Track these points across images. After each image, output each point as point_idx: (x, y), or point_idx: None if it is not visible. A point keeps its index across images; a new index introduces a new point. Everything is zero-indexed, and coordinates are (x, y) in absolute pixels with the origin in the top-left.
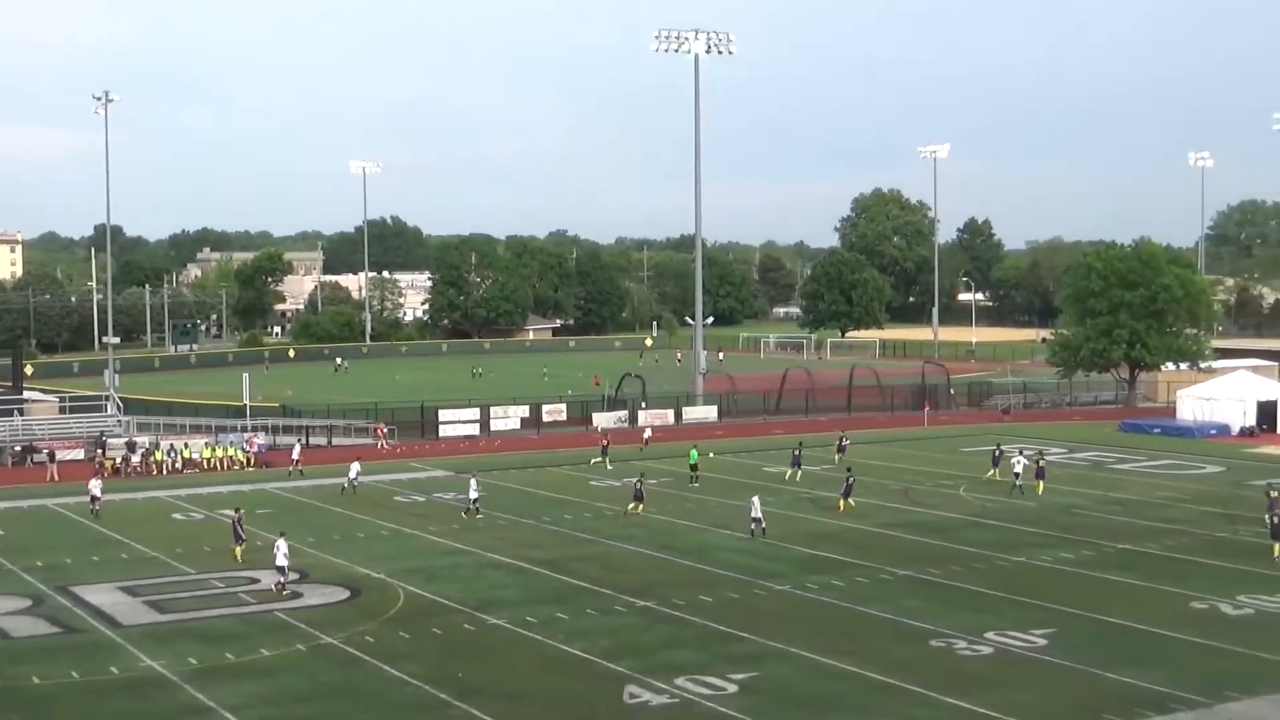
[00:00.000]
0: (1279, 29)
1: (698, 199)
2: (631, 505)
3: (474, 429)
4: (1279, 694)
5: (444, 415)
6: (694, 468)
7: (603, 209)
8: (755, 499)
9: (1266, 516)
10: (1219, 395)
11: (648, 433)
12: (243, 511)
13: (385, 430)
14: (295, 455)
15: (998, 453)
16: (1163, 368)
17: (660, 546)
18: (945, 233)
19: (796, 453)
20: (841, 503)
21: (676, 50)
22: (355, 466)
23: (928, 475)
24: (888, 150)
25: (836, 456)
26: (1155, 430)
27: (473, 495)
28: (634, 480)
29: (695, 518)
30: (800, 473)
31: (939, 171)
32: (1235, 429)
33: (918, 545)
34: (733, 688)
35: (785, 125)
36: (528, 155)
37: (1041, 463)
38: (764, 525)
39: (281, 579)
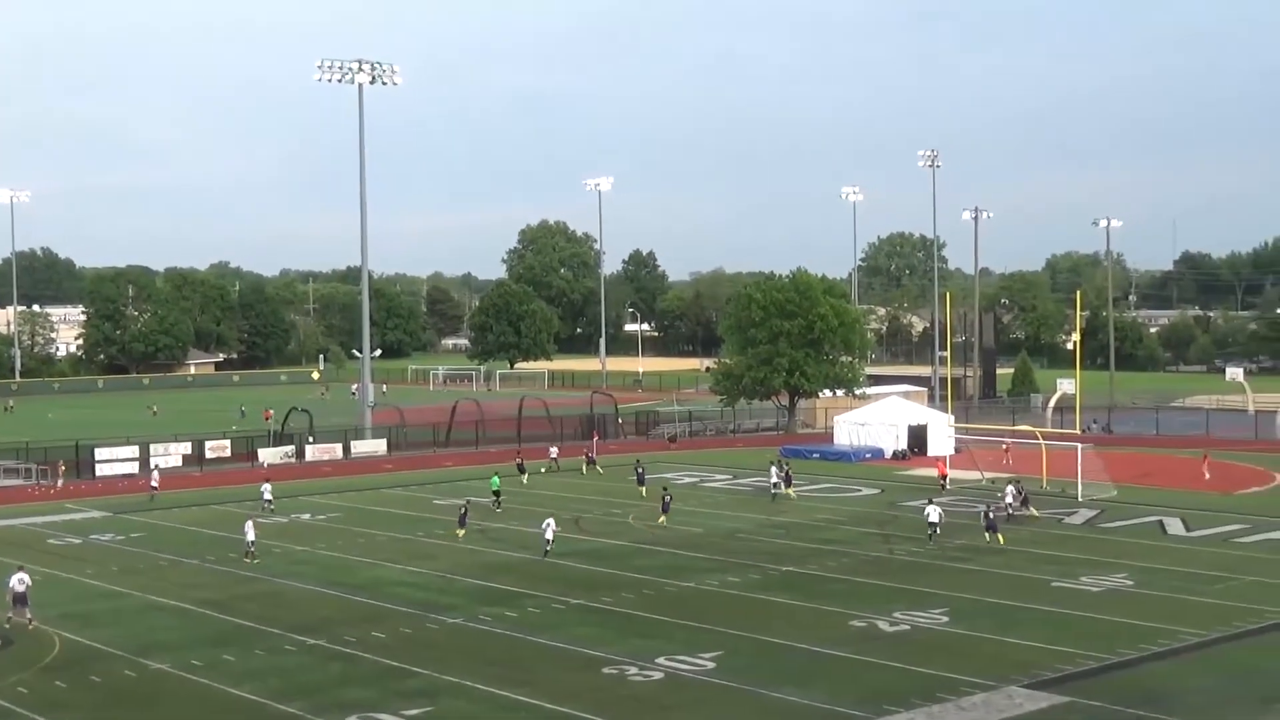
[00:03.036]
0: (924, 68)
1: (363, 230)
2: (459, 530)
3: (133, 467)
4: (933, 704)
5: (101, 454)
6: (496, 494)
7: (266, 240)
8: (550, 520)
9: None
10: (873, 420)
11: (554, 451)
12: None
13: (63, 468)
14: (154, 482)
15: (784, 471)
16: (820, 394)
17: (330, 582)
18: (611, 264)
19: (640, 471)
20: (662, 518)
21: (340, 80)
22: (267, 487)
23: (597, 504)
24: (552, 182)
25: (585, 468)
26: (814, 455)
27: (250, 537)
28: (460, 504)
29: (367, 553)
30: (645, 490)
31: (603, 203)
32: (888, 452)
33: (589, 573)
34: None
35: (451, 155)
36: (186, 184)
37: (787, 471)
38: (550, 547)
39: (25, 611)
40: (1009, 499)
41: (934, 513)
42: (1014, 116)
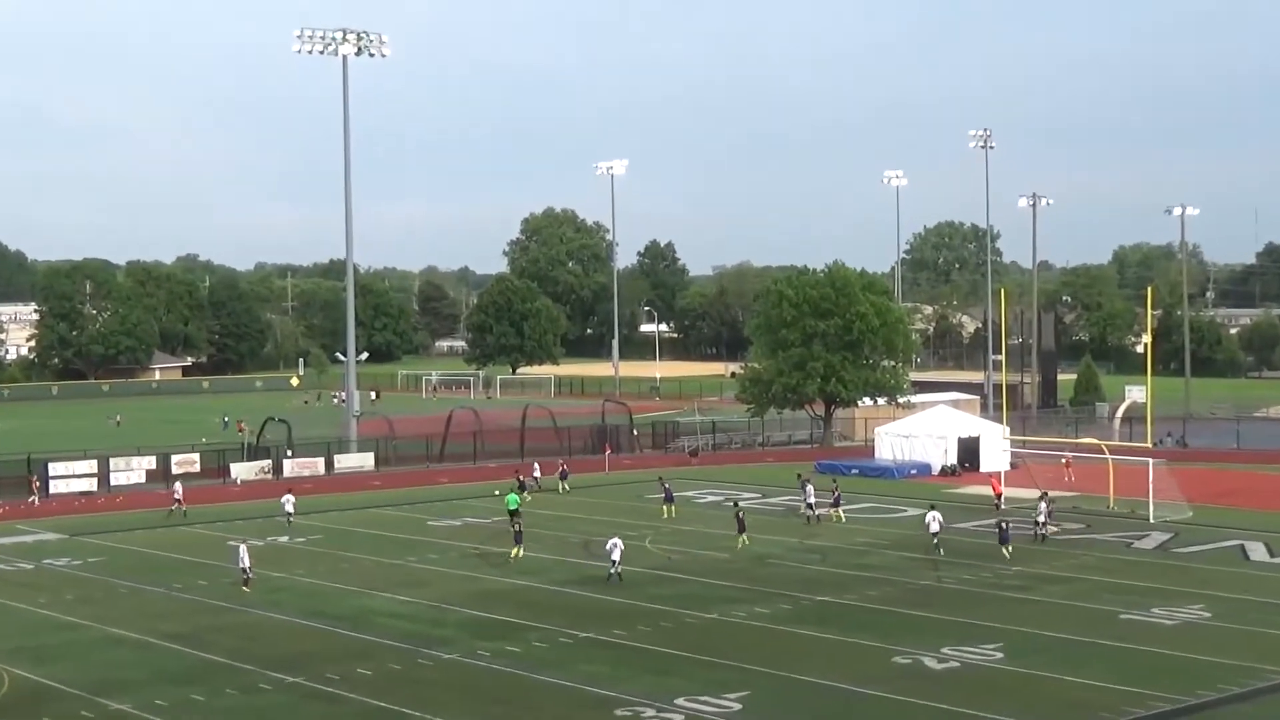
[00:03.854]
0: (974, 38)
1: (349, 220)
2: (514, 551)
3: (91, 484)
4: None
5: (55, 469)
6: (514, 513)
7: (239, 231)
8: (616, 540)
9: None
10: (919, 432)
11: (536, 470)
12: None
13: (37, 484)
14: (177, 495)
15: (834, 490)
16: (860, 403)
17: (311, 613)
18: (625, 257)
19: (666, 488)
20: (742, 538)
21: (322, 52)
22: (289, 499)
23: (610, 525)
24: (559, 166)
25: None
26: (853, 471)
27: (245, 563)
28: (513, 526)
29: (352, 580)
30: (674, 508)
31: (617, 190)
32: (936, 468)
33: (599, 603)
34: None
35: (446, 137)
36: (149, 170)
37: (837, 490)
38: (619, 570)
39: None
40: (1041, 516)
41: (934, 522)
42: (1076, 92)
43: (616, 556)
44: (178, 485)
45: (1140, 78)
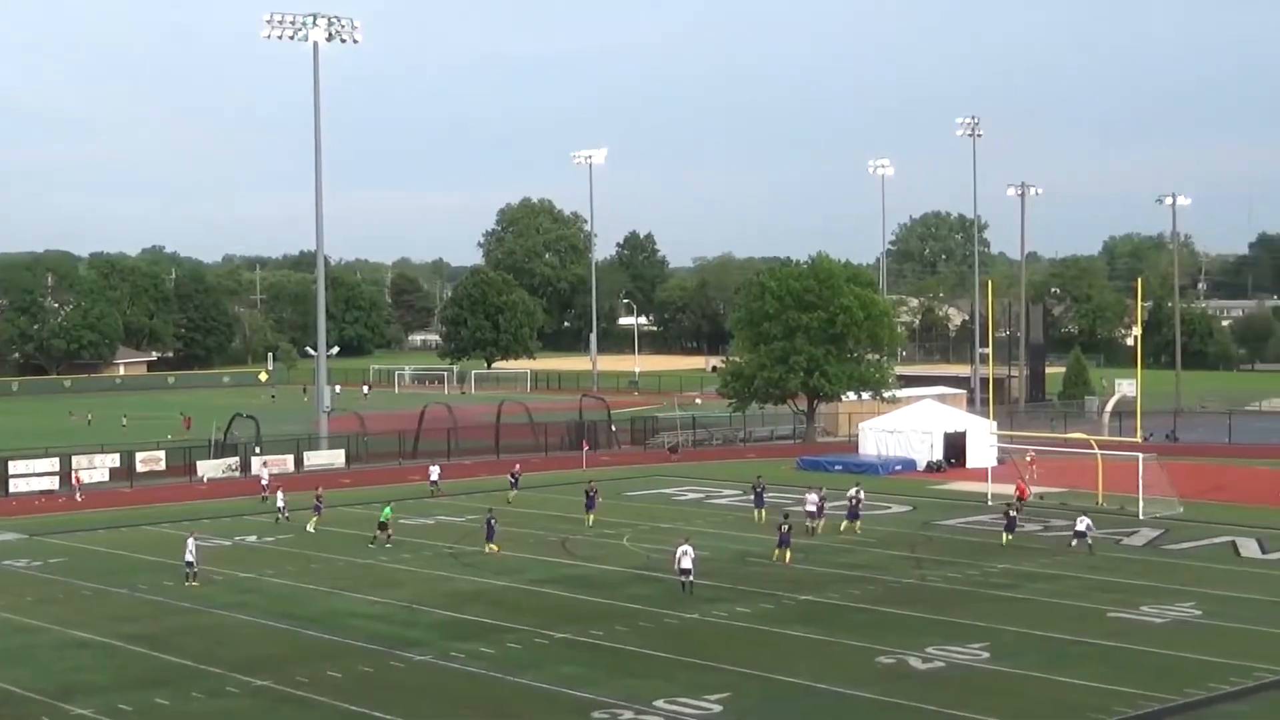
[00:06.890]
0: (962, 25)
1: (319, 210)
2: (492, 546)
3: (53, 482)
4: None
5: (15, 467)
6: (383, 526)
7: (207, 222)
8: (686, 547)
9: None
10: (904, 427)
11: (435, 472)
12: None
13: (80, 480)
14: (264, 480)
15: (760, 489)
16: (843, 398)
17: (279, 614)
18: (604, 249)
19: (591, 493)
20: (778, 552)
21: (292, 37)
22: (281, 496)
23: (585, 523)
24: (536, 156)
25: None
26: (836, 467)
27: (189, 557)
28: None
29: (322, 580)
30: (593, 517)
31: (595, 179)
32: (922, 464)
33: (577, 603)
34: None
35: (420, 125)
36: (113, 158)
37: (860, 498)
38: (692, 579)
39: None
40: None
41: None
42: (1067, 80)
43: (687, 564)
44: (265, 471)
45: (1132, 65)
